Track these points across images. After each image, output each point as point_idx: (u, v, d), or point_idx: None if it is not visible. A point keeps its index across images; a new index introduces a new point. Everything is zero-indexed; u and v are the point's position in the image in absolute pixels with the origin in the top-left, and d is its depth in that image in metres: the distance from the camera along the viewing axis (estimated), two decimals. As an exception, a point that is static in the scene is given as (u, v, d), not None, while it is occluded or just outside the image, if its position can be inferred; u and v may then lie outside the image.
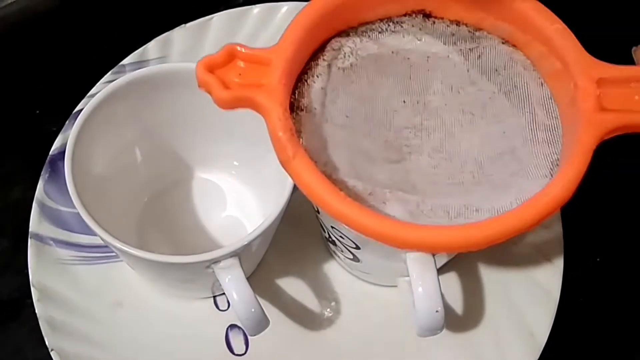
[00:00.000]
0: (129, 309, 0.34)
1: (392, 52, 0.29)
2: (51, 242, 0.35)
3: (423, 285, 0.27)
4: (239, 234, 0.34)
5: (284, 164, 0.25)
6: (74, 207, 0.35)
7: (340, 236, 0.30)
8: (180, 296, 0.35)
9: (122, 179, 0.34)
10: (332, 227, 0.30)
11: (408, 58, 0.29)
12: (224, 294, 0.35)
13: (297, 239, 0.36)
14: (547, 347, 0.33)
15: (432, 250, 0.26)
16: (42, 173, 0.36)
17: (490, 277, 0.35)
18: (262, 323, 0.28)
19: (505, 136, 0.27)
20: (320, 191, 0.24)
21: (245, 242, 0.28)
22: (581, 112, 0.25)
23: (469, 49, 0.29)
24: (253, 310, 0.28)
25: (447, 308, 0.34)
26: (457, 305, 0.35)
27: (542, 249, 0.35)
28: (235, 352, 0.34)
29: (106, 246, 0.35)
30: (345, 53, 0.29)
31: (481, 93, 0.28)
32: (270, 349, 0.34)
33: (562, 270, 0.35)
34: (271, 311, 0.34)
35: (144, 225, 0.36)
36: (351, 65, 0.28)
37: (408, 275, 0.31)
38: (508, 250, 0.36)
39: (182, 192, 0.37)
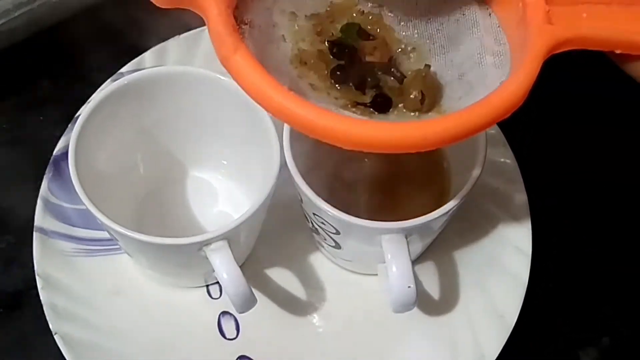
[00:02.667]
0: (127, 297, 0.37)
1: None
2: (54, 235, 0.37)
3: (396, 264, 0.30)
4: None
5: (224, 60, 0.24)
6: (75, 203, 0.38)
7: (322, 222, 0.33)
8: (174, 285, 0.37)
9: (120, 176, 0.37)
10: (314, 214, 0.32)
11: None
12: (216, 283, 0.37)
13: (284, 232, 0.39)
14: (517, 328, 0.35)
15: (378, 147, 0.24)
16: (46, 172, 0.38)
17: (464, 265, 0.38)
18: (249, 300, 0.31)
19: (453, 64, 0.28)
20: (262, 85, 0.23)
21: (234, 226, 0.30)
22: (531, 27, 0.25)
23: None
24: (241, 288, 0.30)
25: (423, 294, 0.37)
26: (434, 291, 0.37)
27: (512, 238, 0.38)
28: (227, 337, 0.36)
29: (105, 239, 0.38)
30: None
31: (429, 24, 0.28)
32: (259, 334, 0.36)
33: (531, 258, 0.37)
34: (260, 298, 0.36)
35: (141, 220, 0.38)
36: None
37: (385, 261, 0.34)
38: (481, 240, 0.38)
39: (177, 189, 0.39)
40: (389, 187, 0.37)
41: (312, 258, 0.39)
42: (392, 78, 0.28)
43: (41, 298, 0.35)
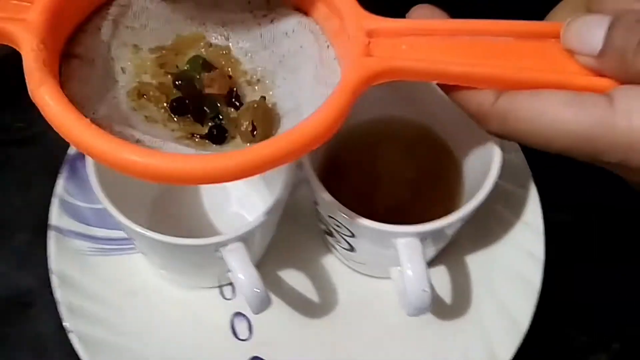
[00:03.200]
0: (141, 297, 0.37)
1: (189, 18, 0.29)
2: (70, 234, 0.37)
3: (412, 267, 0.30)
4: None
5: (31, 93, 0.25)
6: (91, 202, 0.38)
7: (337, 225, 0.33)
8: (188, 285, 0.37)
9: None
10: (330, 216, 0.33)
11: (204, 24, 0.30)
12: (229, 284, 0.38)
13: (297, 235, 0.39)
14: (528, 333, 0.35)
15: (168, 179, 0.24)
16: (61, 171, 0.38)
17: (476, 269, 0.38)
18: (264, 301, 0.31)
19: (292, 94, 0.28)
20: (63, 117, 0.24)
21: (251, 227, 0.30)
22: (348, 59, 0.26)
23: (263, 14, 0.29)
24: (257, 289, 0.30)
25: (435, 298, 0.37)
26: (446, 295, 0.38)
27: (525, 243, 0.38)
28: (240, 337, 0.37)
29: (121, 239, 0.38)
30: (135, 12, 0.29)
31: (272, 56, 0.29)
32: (272, 334, 0.37)
33: (544, 263, 0.37)
34: (273, 300, 0.36)
35: (154, 220, 0.38)
36: (141, 25, 0.29)
37: (399, 265, 0.34)
38: (493, 245, 0.39)
39: (189, 190, 0.40)
40: (403, 191, 0.37)
41: (325, 261, 0.39)
42: (232, 109, 0.28)
43: (56, 296, 0.35)
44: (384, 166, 0.37)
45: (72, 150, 0.39)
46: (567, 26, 0.25)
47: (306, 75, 0.28)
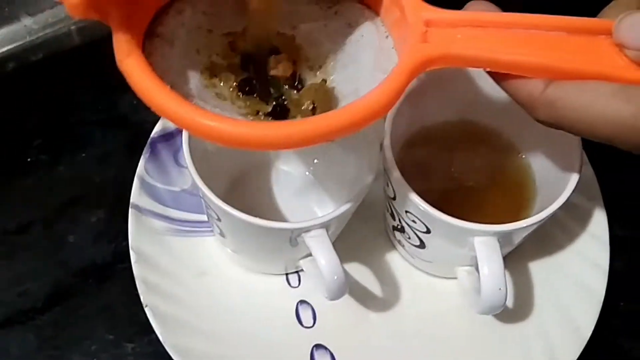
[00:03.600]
0: (212, 278, 0.38)
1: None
2: (148, 213, 0.39)
3: (489, 265, 0.31)
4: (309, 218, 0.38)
5: (119, 63, 0.26)
6: (169, 184, 0.40)
7: (413, 220, 0.34)
8: (257, 270, 0.39)
9: (219, 155, 0.38)
10: (407, 211, 0.34)
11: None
12: (295, 272, 0.39)
13: (361, 230, 0.40)
14: (589, 342, 0.36)
15: (255, 145, 0.26)
16: (143, 152, 0.40)
17: (540, 276, 0.39)
18: (342, 288, 0.32)
19: (351, 79, 0.29)
20: (147, 85, 0.25)
21: (334, 215, 0.32)
22: (406, 45, 0.27)
23: (328, 7, 0.31)
24: (336, 276, 0.31)
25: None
26: (509, 300, 0.38)
27: (590, 254, 0.38)
28: (304, 325, 0.38)
29: (195, 221, 0.39)
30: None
31: (335, 44, 0.31)
32: (335, 324, 0.38)
33: (608, 273, 0.38)
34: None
35: (228, 201, 0.39)
36: (215, 12, 0.31)
37: (468, 265, 0.35)
38: (557, 254, 0.39)
39: (263, 178, 0.41)
40: (477, 192, 0.38)
41: (389, 257, 0.40)
42: (294, 91, 0.30)
43: (134, 272, 0.37)
44: (458, 168, 0.38)
45: (154, 133, 0.40)
46: (620, 21, 0.26)
47: (365, 63, 0.29)
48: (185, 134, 0.33)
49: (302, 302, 0.38)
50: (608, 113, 0.25)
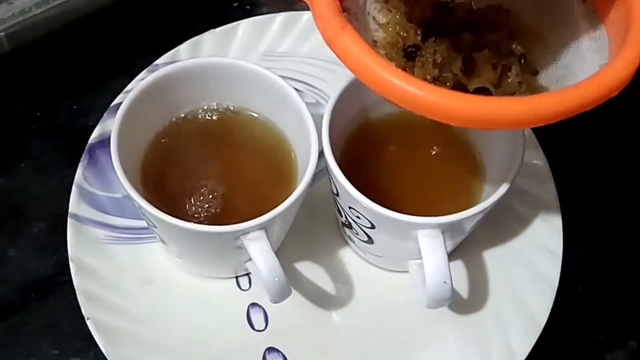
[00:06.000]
0: (158, 286, 0.37)
1: None
2: (88, 222, 0.37)
3: (433, 259, 0.30)
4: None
5: (330, 42, 0.24)
6: (109, 191, 0.38)
7: (357, 216, 0.33)
8: (205, 275, 0.38)
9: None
10: (350, 207, 0.33)
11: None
12: (245, 274, 0.38)
13: (313, 227, 0.39)
14: (545, 329, 0.35)
15: (483, 124, 0.24)
16: (81, 159, 0.39)
17: (494, 265, 0.38)
18: (284, 290, 0.31)
19: (549, 50, 0.28)
20: (371, 63, 0.23)
21: (272, 216, 0.30)
22: (635, 10, 0.25)
23: None
24: (277, 278, 0.30)
25: (453, 293, 0.37)
26: (463, 290, 0.38)
27: (543, 239, 0.38)
28: (256, 328, 0.37)
29: (138, 228, 0.38)
30: None
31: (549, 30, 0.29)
32: (287, 326, 0.37)
33: (561, 259, 0.37)
34: (289, 291, 0.37)
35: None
36: None
37: (418, 258, 0.34)
38: (511, 241, 0.38)
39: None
40: (423, 184, 0.37)
41: (341, 253, 0.39)
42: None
43: (74, 283, 0.35)
44: (404, 160, 0.37)
45: (92, 140, 0.39)
46: None
47: (565, 30, 0.28)
48: (113, 138, 0.32)
49: (253, 304, 0.37)
50: None
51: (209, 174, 0.36)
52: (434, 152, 0.37)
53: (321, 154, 0.33)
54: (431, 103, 0.23)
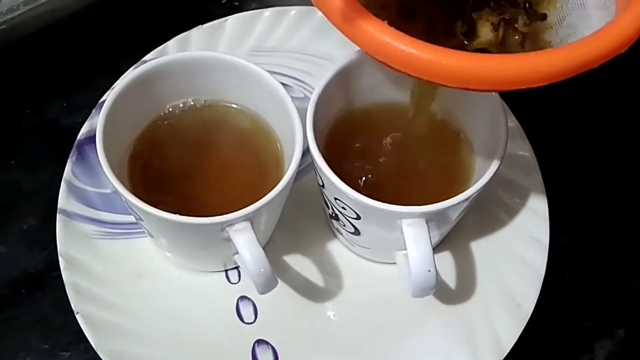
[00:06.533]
0: (148, 280, 0.37)
1: None
2: (77, 217, 0.38)
3: (417, 248, 0.30)
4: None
5: (319, 2, 0.23)
6: (98, 187, 0.39)
7: (343, 207, 0.33)
8: (194, 269, 0.38)
9: None
10: (336, 198, 0.33)
11: None
12: (234, 268, 0.38)
13: (302, 221, 0.39)
14: (532, 318, 0.36)
15: (489, 84, 0.22)
16: (70, 155, 0.39)
17: (481, 255, 0.38)
18: (271, 281, 0.31)
19: (552, 5, 0.27)
20: (363, 22, 0.22)
21: (257, 207, 0.31)
22: None
23: None
24: (263, 269, 0.30)
25: (440, 283, 0.37)
26: (450, 280, 0.38)
27: (530, 229, 0.38)
28: (245, 321, 0.37)
29: (127, 223, 0.38)
30: None
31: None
32: (277, 318, 0.37)
33: (548, 249, 0.37)
34: (278, 284, 0.37)
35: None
36: None
37: (405, 249, 0.34)
38: (498, 231, 0.39)
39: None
40: (409, 174, 0.37)
41: (330, 246, 0.39)
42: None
43: (64, 278, 0.36)
44: (389, 151, 0.37)
45: (80, 136, 0.39)
46: None
47: (584, 2, 0.27)
48: (99, 132, 0.32)
49: (242, 297, 0.37)
50: None
51: (196, 167, 0.36)
52: (419, 139, 0.37)
53: (307, 147, 0.33)
54: (427, 62, 0.22)
